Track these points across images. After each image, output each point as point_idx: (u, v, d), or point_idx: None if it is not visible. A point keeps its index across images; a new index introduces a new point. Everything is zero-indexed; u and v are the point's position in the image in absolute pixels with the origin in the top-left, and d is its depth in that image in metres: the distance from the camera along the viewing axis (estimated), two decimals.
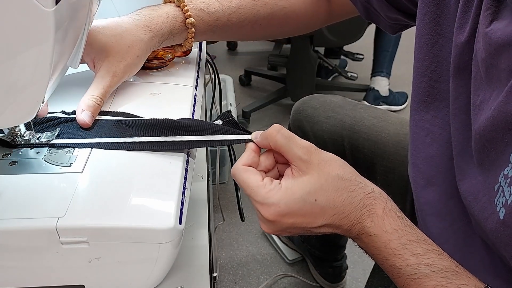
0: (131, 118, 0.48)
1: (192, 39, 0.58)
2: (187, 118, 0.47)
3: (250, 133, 0.45)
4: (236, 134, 0.45)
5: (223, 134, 0.45)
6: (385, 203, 0.42)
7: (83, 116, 0.46)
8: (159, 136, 0.45)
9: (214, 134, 0.45)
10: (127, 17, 0.53)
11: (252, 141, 0.44)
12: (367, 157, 0.76)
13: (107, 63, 0.50)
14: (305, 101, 0.89)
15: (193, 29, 0.56)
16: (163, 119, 0.47)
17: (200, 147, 0.45)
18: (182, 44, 0.59)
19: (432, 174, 0.49)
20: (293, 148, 0.41)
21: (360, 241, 0.43)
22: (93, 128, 0.47)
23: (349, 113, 0.82)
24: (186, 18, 0.56)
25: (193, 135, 0.45)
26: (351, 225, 0.41)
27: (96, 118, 0.48)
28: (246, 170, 0.41)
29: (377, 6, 0.60)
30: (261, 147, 0.44)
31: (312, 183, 0.40)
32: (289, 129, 0.95)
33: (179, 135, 0.45)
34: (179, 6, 0.56)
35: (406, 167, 0.71)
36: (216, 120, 0.47)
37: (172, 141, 0.45)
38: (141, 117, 0.48)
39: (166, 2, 0.57)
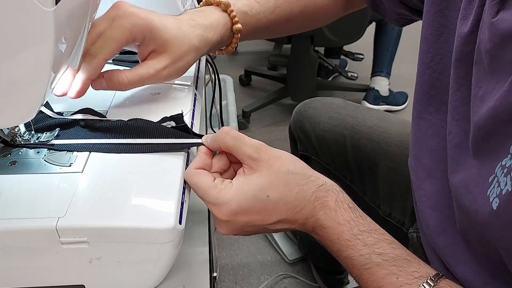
0: (95, 118, 0.48)
1: (236, 44, 0.58)
2: (140, 120, 0.46)
3: (201, 136, 0.45)
4: (188, 138, 0.45)
5: (175, 138, 0.45)
6: (337, 195, 0.42)
7: (96, 80, 0.46)
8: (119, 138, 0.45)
9: (167, 138, 0.45)
10: (184, 21, 0.51)
11: (203, 145, 0.44)
12: (369, 157, 0.76)
13: (160, 58, 0.48)
14: (306, 103, 0.89)
15: (239, 35, 0.56)
16: (116, 120, 0.46)
17: (151, 151, 0.44)
18: (224, 49, 0.59)
19: (433, 167, 0.49)
20: (242, 148, 0.41)
21: (316, 234, 0.43)
22: (92, 130, 0.47)
23: (351, 114, 0.82)
24: (234, 24, 0.55)
25: (145, 137, 0.45)
26: (305, 219, 0.42)
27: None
28: (197, 173, 0.42)
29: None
30: (212, 150, 0.44)
31: (263, 179, 0.40)
32: (290, 130, 0.95)
33: (132, 137, 0.45)
34: (226, 11, 0.55)
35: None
36: (170, 121, 0.47)
37: (122, 143, 0.45)
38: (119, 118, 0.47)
39: (207, 4, 0.56)
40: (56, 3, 0.30)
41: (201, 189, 0.41)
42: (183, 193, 0.41)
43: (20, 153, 0.44)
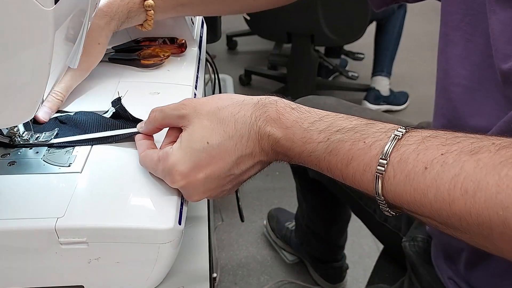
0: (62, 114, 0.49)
1: (152, 20, 0.57)
2: (82, 112, 0.48)
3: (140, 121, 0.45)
4: (127, 128, 0.46)
5: (114, 130, 0.45)
6: (275, 104, 0.39)
7: (40, 112, 0.47)
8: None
9: (106, 130, 0.45)
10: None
11: (139, 132, 0.44)
12: None
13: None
14: (298, 102, 0.89)
15: (152, 11, 0.56)
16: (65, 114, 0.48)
17: (91, 144, 0.45)
18: (143, 25, 0.58)
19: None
20: (170, 113, 0.41)
21: (279, 155, 0.39)
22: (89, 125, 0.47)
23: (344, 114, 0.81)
24: (145, 0, 0.55)
25: (89, 132, 0.46)
26: (258, 144, 0.38)
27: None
28: (143, 157, 0.41)
29: None
30: (149, 134, 0.44)
31: (196, 129, 0.39)
32: None
33: (80, 134, 0.46)
34: None
35: None
36: (110, 108, 0.49)
37: (69, 141, 0.45)
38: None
39: None
40: (55, 3, 0.30)
41: (151, 168, 0.40)
42: None
43: (19, 153, 0.43)
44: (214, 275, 0.49)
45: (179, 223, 0.38)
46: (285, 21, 1.67)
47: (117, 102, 0.48)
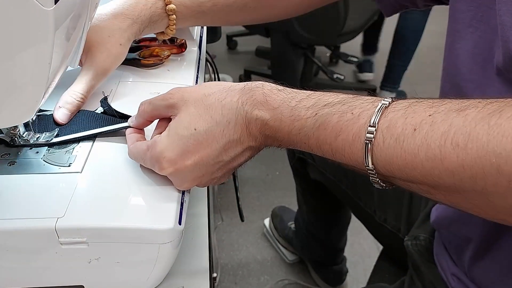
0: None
1: (174, 26, 0.57)
2: (81, 112, 0.48)
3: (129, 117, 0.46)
4: (117, 124, 0.46)
5: (105, 126, 0.46)
6: (262, 88, 0.39)
7: (58, 114, 0.46)
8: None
9: (101, 127, 0.46)
10: (104, 8, 0.53)
11: (130, 127, 0.45)
12: None
13: (89, 55, 0.50)
14: None
15: (174, 15, 0.56)
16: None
17: (84, 140, 0.45)
18: (164, 32, 0.58)
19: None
20: (158, 104, 0.41)
21: (270, 139, 0.39)
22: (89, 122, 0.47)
23: None
24: (167, 4, 0.55)
25: (88, 129, 0.46)
26: (246, 129, 0.38)
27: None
28: (132, 148, 0.42)
29: None
30: (140, 127, 0.44)
31: (183, 117, 0.39)
32: None
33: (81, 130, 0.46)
34: None
35: None
36: (98, 108, 0.49)
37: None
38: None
39: None
40: (56, 3, 0.30)
41: (140, 158, 0.41)
42: (183, 193, 0.41)
43: (19, 153, 0.43)
44: (214, 275, 0.49)
45: (179, 223, 0.38)
46: None
47: (105, 102, 0.48)
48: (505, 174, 0.25)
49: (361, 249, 1.34)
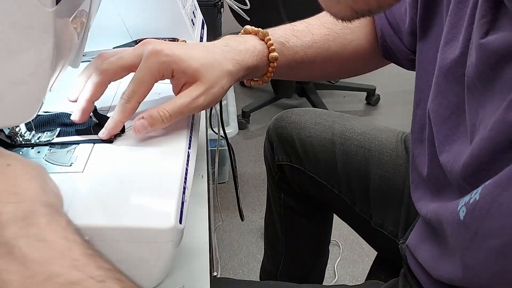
0: None
1: (272, 73, 0.57)
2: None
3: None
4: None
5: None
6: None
7: (137, 124, 0.45)
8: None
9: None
10: (216, 47, 0.52)
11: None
12: (360, 165, 0.74)
13: (194, 86, 0.48)
14: (288, 110, 0.85)
15: (275, 63, 0.56)
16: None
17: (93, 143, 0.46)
18: (259, 80, 0.59)
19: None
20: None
21: None
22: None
23: (338, 121, 0.79)
24: (270, 52, 0.55)
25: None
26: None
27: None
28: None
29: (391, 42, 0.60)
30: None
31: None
32: (268, 140, 0.87)
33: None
34: (263, 40, 0.55)
35: (401, 176, 0.70)
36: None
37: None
38: None
39: (246, 33, 0.57)
40: (57, 3, 0.30)
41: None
42: (183, 192, 0.41)
43: (20, 153, 0.44)
44: (214, 273, 0.49)
45: (180, 222, 0.38)
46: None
47: (97, 114, 0.48)
48: None
49: (360, 248, 1.34)
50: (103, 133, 0.45)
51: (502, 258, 0.31)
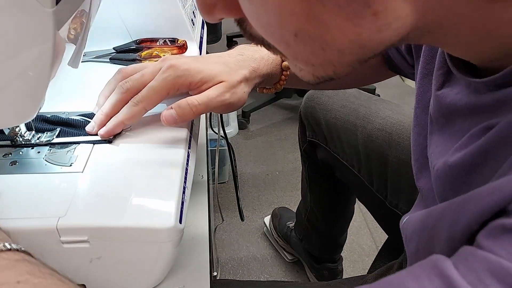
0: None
1: (284, 81, 0.58)
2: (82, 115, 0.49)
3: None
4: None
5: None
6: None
7: (166, 114, 0.45)
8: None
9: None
10: (231, 57, 0.53)
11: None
12: (380, 148, 0.77)
13: (218, 85, 0.49)
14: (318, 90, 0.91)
15: (288, 71, 0.57)
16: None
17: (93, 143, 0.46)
18: (271, 88, 0.60)
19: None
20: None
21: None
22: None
23: (364, 104, 0.83)
24: (283, 61, 0.56)
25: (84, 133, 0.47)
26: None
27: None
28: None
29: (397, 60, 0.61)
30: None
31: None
32: (300, 116, 0.96)
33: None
34: None
35: None
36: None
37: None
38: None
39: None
40: (57, 3, 0.30)
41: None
42: (183, 192, 0.41)
43: (20, 153, 0.44)
44: (214, 274, 0.49)
45: (180, 222, 0.38)
46: None
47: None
48: None
49: (360, 248, 1.34)
50: (103, 131, 0.45)
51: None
